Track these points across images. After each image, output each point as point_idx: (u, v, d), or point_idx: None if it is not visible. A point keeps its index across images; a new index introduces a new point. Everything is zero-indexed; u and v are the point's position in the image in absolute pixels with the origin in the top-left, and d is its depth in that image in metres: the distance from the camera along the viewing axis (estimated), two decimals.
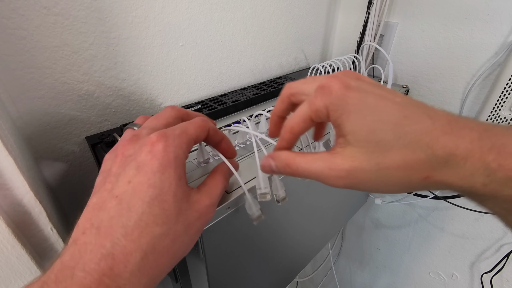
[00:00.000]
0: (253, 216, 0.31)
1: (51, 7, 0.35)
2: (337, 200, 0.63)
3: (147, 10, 0.44)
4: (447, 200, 0.71)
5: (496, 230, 0.70)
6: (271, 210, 0.40)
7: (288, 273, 0.58)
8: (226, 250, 0.35)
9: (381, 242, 0.99)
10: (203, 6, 0.50)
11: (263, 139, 0.33)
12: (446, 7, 0.60)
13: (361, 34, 0.69)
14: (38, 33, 0.35)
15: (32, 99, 0.38)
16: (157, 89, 0.50)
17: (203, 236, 0.30)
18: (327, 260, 1.14)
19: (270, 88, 0.59)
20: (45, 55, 0.37)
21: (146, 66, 0.47)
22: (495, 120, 0.58)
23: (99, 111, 0.45)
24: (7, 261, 0.22)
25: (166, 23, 0.47)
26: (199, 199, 0.22)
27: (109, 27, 0.41)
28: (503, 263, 0.69)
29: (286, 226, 0.46)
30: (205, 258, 0.32)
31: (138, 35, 0.44)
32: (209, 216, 0.23)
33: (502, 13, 0.53)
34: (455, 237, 0.78)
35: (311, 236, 0.59)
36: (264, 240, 0.42)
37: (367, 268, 1.10)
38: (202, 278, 0.35)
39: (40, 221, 0.26)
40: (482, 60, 0.58)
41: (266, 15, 0.61)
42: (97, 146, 0.42)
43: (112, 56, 0.43)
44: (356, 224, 1.04)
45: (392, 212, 0.91)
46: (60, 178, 0.44)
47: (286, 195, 0.33)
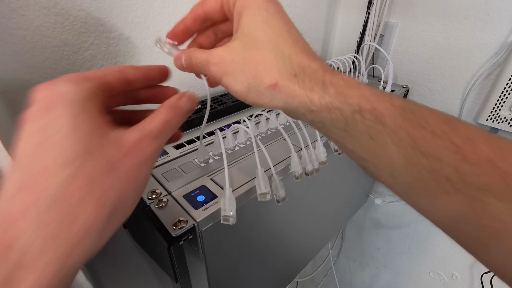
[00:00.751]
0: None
1: (51, 7, 0.35)
2: (337, 200, 0.63)
3: (147, 10, 0.44)
4: None
5: None
6: (271, 210, 0.40)
7: (288, 273, 0.58)
8: (226, 250, 0.35)
9: (381, 242, 0.99)
10: None
11: (263, 139, 0.33)
12: (446, 7, 0.60)
13: (361, 34, 0.69)
14: (38, 33, 0.35)
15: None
16: None
17: (203, 236, 0.30)
18: (327, 260, 1.15)
19: None
20: (45, 55, 0.37)
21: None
22: (495, 120, 0.58)
23: None
24: None
25: (166, 23, 0.47)
26: (123, 135, 0.18)
27: (109, 27, 0.41)
28: None
29: (286, 226, 0.46)
30: (205, 258, 0.32)
31: (138, 35, 0.44)
32: (143, 151, 0.18)
33: (502, 13, 0.53)
34: None
35: (311, 236, 0.59)
36: (264, 240, 0.42)
37: (367, 268, 1.10)
38: (202, 278, 0.35)
39: None
40: (482, 60, 0.58)
41: None
42: None
43: (112, 56, 0.43)
44: (356, 224, 1.04)
45: (392, 212, 0.91)
46: None
47: (286, 195, 0.33)
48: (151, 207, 0.31)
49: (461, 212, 0.16)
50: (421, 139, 0.16)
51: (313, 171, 0.37)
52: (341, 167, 0.55)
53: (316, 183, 0.48)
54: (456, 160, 0.15)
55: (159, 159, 0.39)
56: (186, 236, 0.29)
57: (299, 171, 0.36)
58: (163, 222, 0.29)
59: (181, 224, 0.29)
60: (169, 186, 0.34)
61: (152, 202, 0.31)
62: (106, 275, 0.59)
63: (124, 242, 0.59)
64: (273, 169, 0.33)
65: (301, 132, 0.38)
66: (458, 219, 0.16)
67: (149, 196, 0.32)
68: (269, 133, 0.45)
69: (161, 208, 0.31)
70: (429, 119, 0.17)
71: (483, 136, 0.16)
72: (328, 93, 0.19)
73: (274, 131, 0.45)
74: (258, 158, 0.32)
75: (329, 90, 0.19)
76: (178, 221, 0.29)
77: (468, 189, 0.15)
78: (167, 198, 0.32)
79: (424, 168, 0.16)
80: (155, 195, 0.32)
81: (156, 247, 0.38)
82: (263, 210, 0.38)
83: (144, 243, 0.47)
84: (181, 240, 0.29)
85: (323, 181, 0.50)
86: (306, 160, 0.37)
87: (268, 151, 0.33)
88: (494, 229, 0.15)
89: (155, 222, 0.30)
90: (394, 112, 0.17)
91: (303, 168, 0.37)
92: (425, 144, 0.16)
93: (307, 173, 0.37)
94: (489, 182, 0.15)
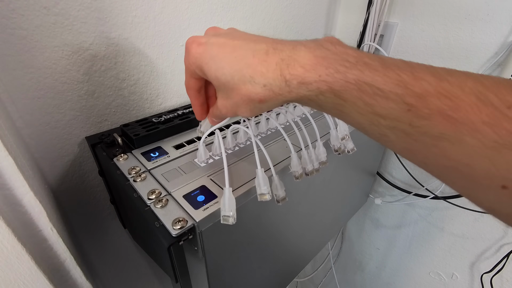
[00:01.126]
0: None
1: (51, 7, 0.35)
2: (337, 200, 0.63)
3: (147, 10, 0.44)
4: (447, 200, 0.71)
5: (496, 230, 0.70)
6: (271, 210, 0.40)
7: (288, 273, 0.58)
8: (226, 250, 0.35)
9: (381, 242, 0.99)
10: (203, 6, 0.50)
11: (263, 139, 0.33)
12: (446, 7, 0.60)
13: (361, 34, 0.69)
14: (38, 33, 0.35)
15: (32, 99, 0.38)
16: (157, 89, 0.50)
17: (203, 236, 0.30)
18: (327, 260, 1.15)
19: None
20: (45, 55, 0.37)
21: (146, 66, 0.47)
22: None
23: (99, 111, 0.45)
24: (7, 261, 0.22)
25: (166, 23, 0.47)
26: None
27: (109, 27, 0.41)
28: (503, 263, 0.69)
29: (286, 226, 0.46)
30: (205, 258, 0.32)
31: (138, 35, 0.44)
32: None
33: (502, 13, 0.53)
34: (455, 237, 0.78)
35: (311, 236, 0.59)
36: (264, 240, 0.42)
37: (367, 268, 1.10)
38: (202, 278, 0.35)
39: (40, 221, 0.26)
40: (482, 60, 0.58)
41: (266, 15, 0.61)
42: (97, 146, 0.42)
43: (112, 56, 0.43)
44: (356, 224, 1.04)
45: (392, 212, 0.91)
46: (60, 178, 0.44)
47: (286, 195, 0.33)
48: (151, 207, 0.31)
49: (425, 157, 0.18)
50: (377, 105, 0.19)
51: (313, 171, 0.37)
52: (341, 167, 0.55)
53: (316, 183, 0.48)
54: (410, 117, 0.18)
55: (159, 159, 0.39)
56: (186, 236, 0.29)
57: (299, 171, 0.36)
58: (163, 222, 0.29)
59: (181, 224, 0.29)
60: (169, 186, 0.34)
61: (152, 202, 0.32)
62: (106, 275, 0.59)
63: (124, 242, 0.59)
64: (273, 169, 0.33)
65: (301, 132, 0.38)
66: (426, 161, 0.19)
67: (149, 196, 0.32)
68: (269, 133, 0.45)
69: (161, 208, 0.31)
70: (382, 86, 0.18)
71: (435, 89, 0.17)
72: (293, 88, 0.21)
73: (274, 131, 0.45)
74: (258, 158, 0.32)
75: (292, 85, 0.21)
76: (178, 221, 0.29)
77: (425, 139, 0.17)
78: (167, 198, 0.32)
79: (385, 127, 0.19)
80: (155, 195, 0.32)
81: (156, 247, 0.38)
82: (263, 210, 0.38)
83: (144, 243, 0.47)
84: (181, 240, 0.29)
85: (323, 181, 0.50)
86: (306, 160, 0.37)
87: (268, 151, 0.33)
88: (454, 168, 0.17)
89: (155, 222, 0.30)
90: (349, 87, 0.19)
91: (303, 168, 0.37)
92: (381, 109, 0.19)
93: (307, 173, 0.37)
94: (443, 130, 0.17)
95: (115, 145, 0.41)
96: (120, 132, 0.43)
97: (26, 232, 0.25)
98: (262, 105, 0.23)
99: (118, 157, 0.39)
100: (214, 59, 0.24)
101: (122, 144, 0.41)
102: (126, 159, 0.39)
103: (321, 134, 0.40)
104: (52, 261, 0.28)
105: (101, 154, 0.41)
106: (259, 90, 0.22)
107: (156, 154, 0.40)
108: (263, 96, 0.22)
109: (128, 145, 0.42)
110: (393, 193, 0.86)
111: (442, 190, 0.73)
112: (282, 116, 0.46)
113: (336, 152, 0.42)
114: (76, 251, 0.36)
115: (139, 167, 0.37)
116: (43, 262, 0.27)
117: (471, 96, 0.16)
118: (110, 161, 0.39)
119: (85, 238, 0.51)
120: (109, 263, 0.58)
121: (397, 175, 0.83)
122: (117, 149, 0.40)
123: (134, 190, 0.34)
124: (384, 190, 0.89)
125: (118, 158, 0.39)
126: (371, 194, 0.90)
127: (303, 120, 0.40)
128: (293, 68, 0.21)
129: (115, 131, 0.43)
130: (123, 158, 0.39)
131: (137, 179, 0.35)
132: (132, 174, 0.36)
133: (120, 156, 0.39)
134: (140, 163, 0.38)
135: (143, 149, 0.41)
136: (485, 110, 0.15)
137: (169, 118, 0.45)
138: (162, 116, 0.46)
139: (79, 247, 0.46)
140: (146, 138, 0.41)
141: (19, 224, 0.24)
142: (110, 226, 0.55)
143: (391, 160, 0.82)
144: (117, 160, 0.38)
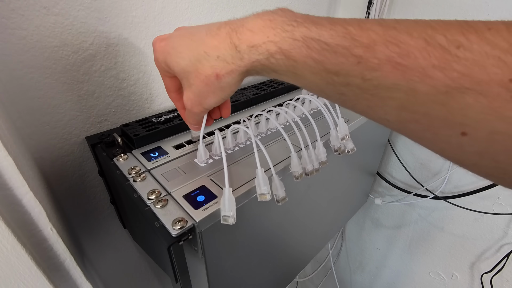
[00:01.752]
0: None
1: (51, 7, 0.35)
2: (337, 200, 0.63)
3: (147, 10, 0.44)
4: (447, 200, 0.71)
5: (496, 230, 0.70)
6: (271, 210, 0.40)
7: (288, 273, 0.58)
8: (226, 250, 0.35)
9: (381, 242, 0.99)
10: (203, 6, 0.50)
11: (263, 139, 0.33)
12: (446, 7, 0.60)
13: None
14: (38, 33, 0.35)
15: (32, 99, 0.38)
16: (157, 89, 0.50)
17: (203, 236, 0.30)
18: (327, 260, 1.14)
19: (270, 88, 0.59)
20: (45, 55, 0.37)
21: (146, 66, 0.47)
22: None
23: (99, 111, 0.45)
24: (7, 261, 0.22)
25: (166, 23, 0.47)
26: None
27: (109, 27, 0.41)
28: (503, 263, 0.69)
29: (286, 226, 0.46)
30: (205, 258, 0.32)
31: (138, 35, 0.44)
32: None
33: (502, 13, 0.53)
34: (455, 237, 0.78)
35: (311, 236, 0.59)
36: (264, 240, 0.42)
37: (367, 268, 1.10)
38: (202, 278, 0.35)
39: (40, 221, 0.26)
40: None
41: None
42: (97, 146, 0.42)
43: (112, 56, 0.43)
44: (356, 224, 1.04)
45: (392, 212, 0.91)
46: (60, 178, 0.44)
47: (286, 195, 0.33)
48: (151, 207, 0.31)
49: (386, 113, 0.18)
50: (326, 62, 0.18)
51: (313, 171, 0.37)
52: (341, 167, 0.55)
53: (316, 183, 0.48)
54: (361, 70, 0.17)
55: (159, 159, 0.39)
56: (186, 236, 0.29)
57: (299, 171, 0.36)
58: (163, 222, 0.29)
59: (181, 224, 0.29)
60: (169, 186, 0.34)
61: (152, 202, 0.32)
62: (106, 275, 0.59)
63: (124, 242, 0.59)
64: (273, 169, 0.33)
65: (301, 132, 0.38)
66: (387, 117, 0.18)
67: (149, 196, 0.32)
68: (269, 133, 0.45)
69: (161, 208, 0.31)
70: (329, 40, 0.18)
71: (383, 37, 0.16)
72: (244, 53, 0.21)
73: (274, 131, 0.45)
74: (258, 158, 0.32)
75: (243, 50, 0.21)
76: (178, 221, 0.29)
77: (380, 92, 0.17)
78: (167, 198, 0.32)
79: (340, 84, 0.18)
80: (155, 195, 0.32)
81: (156, 247, 0.38)
82: (263, 210, 0.38)
83: (144, 243, 0.47)
84: (181, 240, 0.29)
85: (323, 181, 0.50)
86: (306, 160, 0.37)
87: (268, 151, 0.33)
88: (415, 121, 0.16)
89: (155, 222, 0.30)
90: (297, 45, 0.19)
91: (303, 168, 0.37)
92: (331, 65, 0.18)
93: (307, 173, 0.37)
94: (395, 80, 0.16)
95: (115, 145, 0.41)
96: (120, 132, 0.43)
97: (26, 232, 0.25)
98: (221, 82, 0.23)
99: (118, 157, 0.39)
100: (175, 48, 0.25)
101: (122, 144, 0.41)
102: (126, 159, 0.39)
103: (321, 134, 0.40)
104: (52, 261, 0.28)
105: (101, 154, 0.41)
106: (213, 63, 0.22)
107: (156, 154, 0.40)
108: (219, 69, 0.23)
109: (128, 145, 0.42)
110: (393, 193, 0.86)
111: (442, 190, 0.73)
112: (282, 116, 0.46)
113: (336, 152, 0.42)
114: (76, 251, 0.36)
115: (139, 167, 0.37)
116: (43, 262, 0.27)
117: (420, 40, 0.15)
118: (110, 161, 0.39)
119: (85, 238, 0.51)
120: (109, 263, 0.58)
121: (397, 175, 0.83)
122: (117, 149, 0.40)
123: (134, 190, 0.34)
124: (384, 190, 0.89)
125: (118, 158, 0.39)
126: (371, 194, 0.90)
127: (303, 120, 0.40)
128: (241, 33, 0.21)
129: (115, 131, 0.43)
130: (123, 158, 0.39)
131: (137, 179, 0.35)
132: (132, 174, 0.36)
133: (120, 156, 0.39)
134: (140, 163, 0.38)
135: (143, 149, 0.41)
136: (434, 53, 0.14)
137: (169, 118, 0.45)
138: (162, 116, 0.46)
139: (79, 247, 0.46)
140: (146, 138, 0.41)
141: (19, 224, 0.24)
142: (110, 226, 0.55)
143: (391, 160, 0.82)
144: (117, 160, 0.38)
